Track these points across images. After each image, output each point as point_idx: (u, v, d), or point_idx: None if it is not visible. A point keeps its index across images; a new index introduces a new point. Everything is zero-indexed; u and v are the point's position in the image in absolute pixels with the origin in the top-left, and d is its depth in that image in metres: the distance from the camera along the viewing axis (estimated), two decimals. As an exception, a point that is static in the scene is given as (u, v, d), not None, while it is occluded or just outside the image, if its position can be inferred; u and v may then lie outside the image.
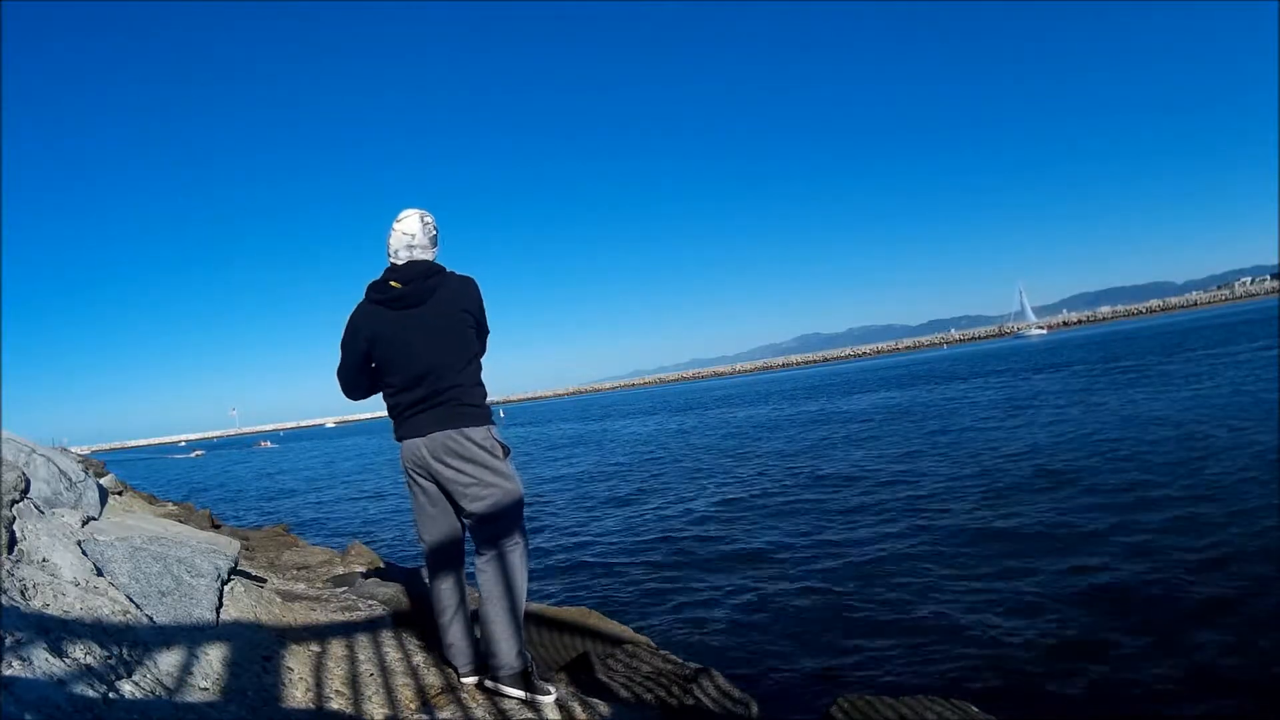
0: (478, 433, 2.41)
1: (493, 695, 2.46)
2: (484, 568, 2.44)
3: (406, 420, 2.46)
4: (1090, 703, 3.56)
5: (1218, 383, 15.50)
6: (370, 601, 3.51)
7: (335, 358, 2.57)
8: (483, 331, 2.55)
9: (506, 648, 2.39)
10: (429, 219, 2.54)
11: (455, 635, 2.54)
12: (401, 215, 2.53)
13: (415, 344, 2.40)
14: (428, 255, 2.52)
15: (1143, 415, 12.38)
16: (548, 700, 2.38)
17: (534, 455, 20.94)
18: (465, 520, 2.48)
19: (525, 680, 2.41)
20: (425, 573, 2.74)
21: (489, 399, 2.54)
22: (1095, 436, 11.03)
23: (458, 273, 2.55)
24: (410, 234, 2.49)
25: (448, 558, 2.55)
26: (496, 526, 2.41)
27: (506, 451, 2.48)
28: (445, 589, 2.54)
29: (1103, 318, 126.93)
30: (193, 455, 57.48)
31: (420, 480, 2.48)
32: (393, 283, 2.44)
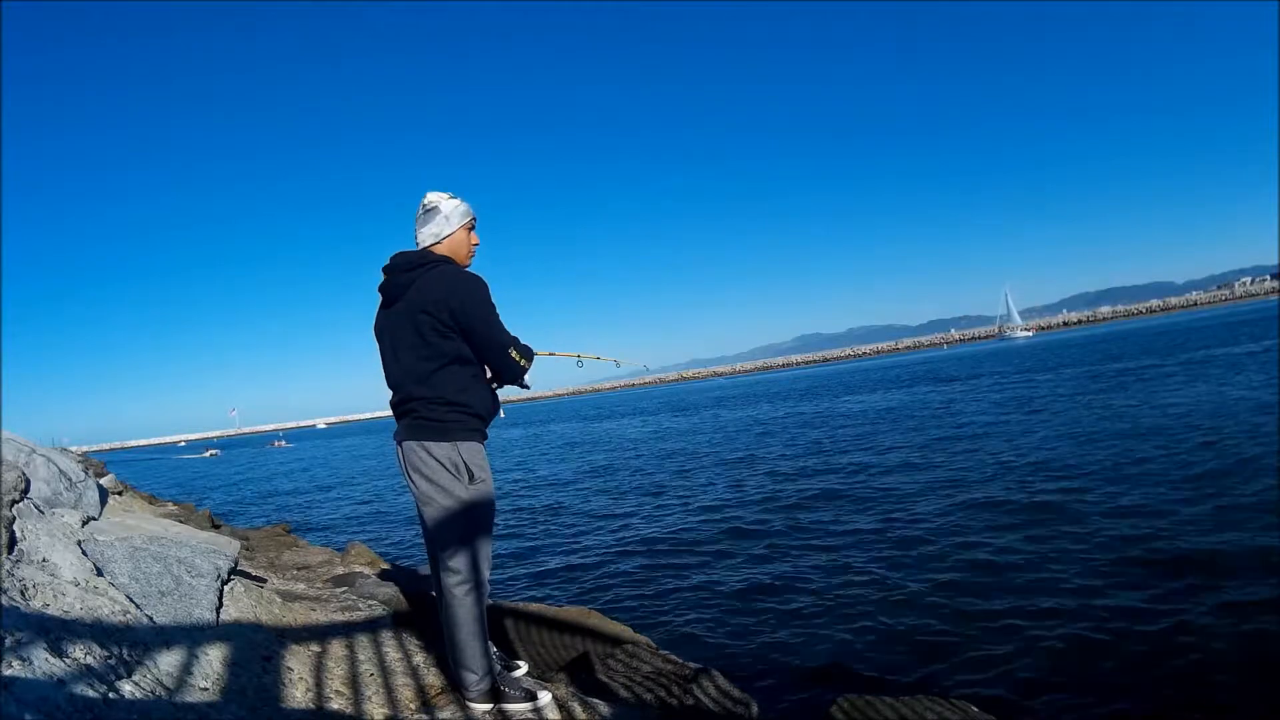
0: (439, 448, 2.25)
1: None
2: (439, 588, 2.36)
3: (397, 423, 2.39)
4: (1090, 703, 3.56)
5: (1199, 389, 15.50)
6: (370, 601, 3.51)
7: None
8: (470, 336, 2.25)
9: (460, 671, 2.35)
10: (427, 197, 2.38)
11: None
12: None
13: (388, 346, 2.33)
14: (426, 238, 2.37)
15: (1130, 416, 12.39)
16: (520, 708, 2.35)
17: (533, 456, 20.94)
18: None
19: (495, 695, 2.37)
20: None
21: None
22: (1090, 440, 11.03)
23: (458, 268, 2.33)
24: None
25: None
26: (444, 550, 2.29)
27: (472, 476, 2.26)
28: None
29: (1102, 318, 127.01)
30: (207, 455, 56.78)
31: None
32: (383, 272, 2.37)
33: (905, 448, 12.71)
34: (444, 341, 2.23)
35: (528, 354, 2.35)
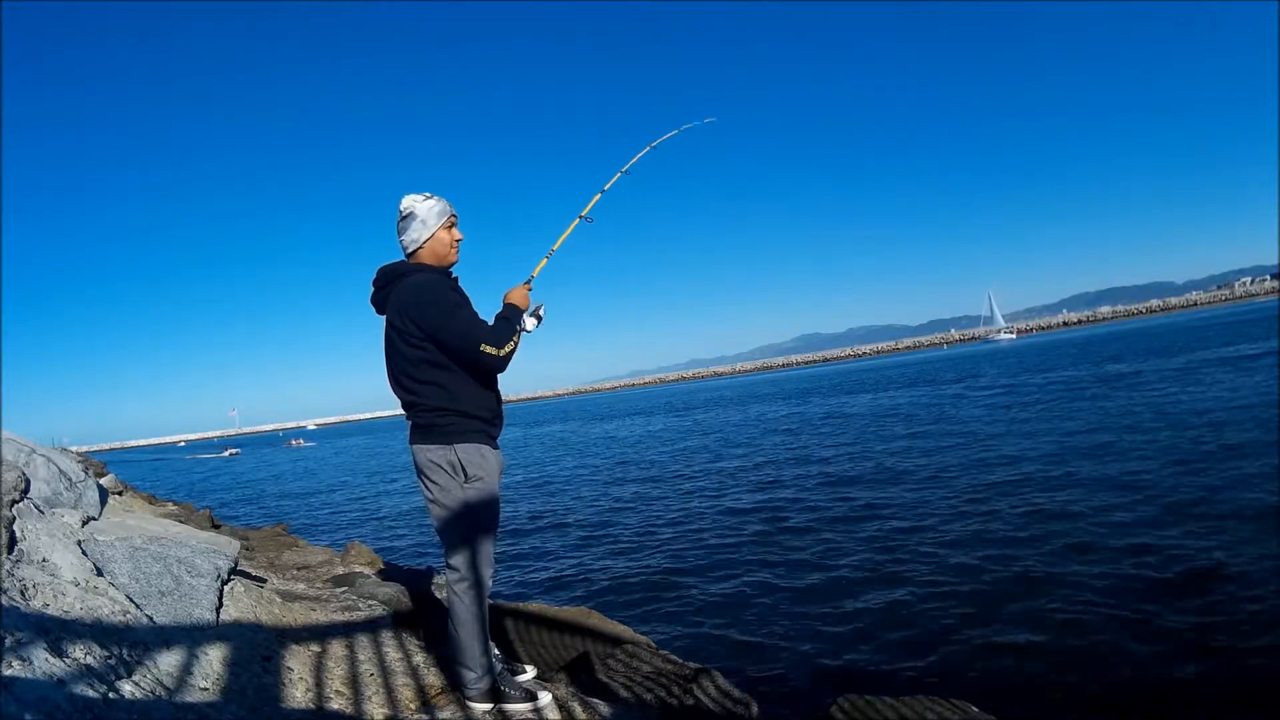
0: (435, 451, 2.31)
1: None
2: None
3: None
4: (1090, 703, 3.56)
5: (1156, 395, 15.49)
6: (370, 601, 3.50)
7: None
8: (436, 343, 2.25)
9: (459, 670, 2.38)
10: (403, 202, 2.38)
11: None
12: None
13: (386, 352, 2.40)
14: (408, 244, 2.38)
15: (1120, 417, 12.40)
16: (520, 708, 2.37)
17: (532, 456, 20.94)
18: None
19: (495, 694, 2.39)
20: None
21: None
22: (1084, 439, 11.02)
23: (422, 276, 2.32)
24: None
25: None
26: (447, 548, 2.37)
27: (467, 476, 2.30)
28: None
29: (1102, 318, 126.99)
30: (226, 454, 56.12)
31: None
32: (371, 286, 2.44)
33: (903, 450, 12.71)
34: (420, 351, 2.27)
35: (502, 336, 2.25)
